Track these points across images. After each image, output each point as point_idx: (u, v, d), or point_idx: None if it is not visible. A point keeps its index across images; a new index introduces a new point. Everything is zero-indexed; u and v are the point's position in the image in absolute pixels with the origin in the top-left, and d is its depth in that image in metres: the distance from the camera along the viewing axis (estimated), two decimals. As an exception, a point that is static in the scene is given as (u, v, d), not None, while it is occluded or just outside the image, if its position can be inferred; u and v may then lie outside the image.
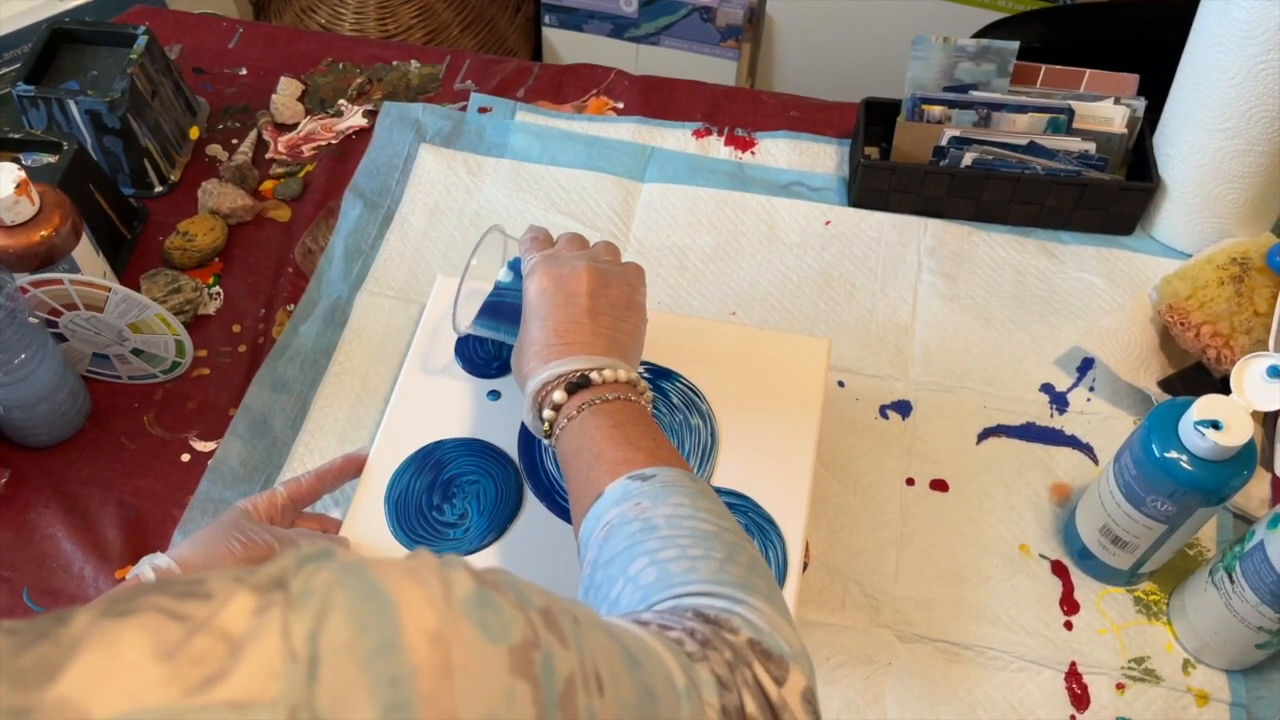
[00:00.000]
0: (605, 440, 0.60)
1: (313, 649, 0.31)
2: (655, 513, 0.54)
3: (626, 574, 0.51)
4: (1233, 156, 0.87)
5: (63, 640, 0.29)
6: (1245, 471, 0.66)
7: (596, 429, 0.60)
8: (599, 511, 0.56)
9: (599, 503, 0.57)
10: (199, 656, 0.30)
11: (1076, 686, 0.73)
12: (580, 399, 0.62)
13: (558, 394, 0.62)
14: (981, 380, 0.88)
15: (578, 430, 0.61)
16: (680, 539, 0.52)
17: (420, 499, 0.75)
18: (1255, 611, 0.68)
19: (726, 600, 0.48)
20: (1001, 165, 0.94)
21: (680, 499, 0.55)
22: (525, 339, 0.66)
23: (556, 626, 0.37)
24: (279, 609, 0.31)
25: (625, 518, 0.54)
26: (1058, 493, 0.82)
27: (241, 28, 1.15)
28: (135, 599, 0.31)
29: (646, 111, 1.07)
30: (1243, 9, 0.81)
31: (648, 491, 0.55)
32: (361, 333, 0.90)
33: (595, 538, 0.55)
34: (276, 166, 1.02)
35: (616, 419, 0.61)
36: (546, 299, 0.65)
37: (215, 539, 0.67)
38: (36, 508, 0.81)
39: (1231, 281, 0.83)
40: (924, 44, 0.95)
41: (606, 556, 0.54)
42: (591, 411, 0.61)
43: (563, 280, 0.66)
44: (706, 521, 0.54)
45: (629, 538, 0.53)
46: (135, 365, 0.86)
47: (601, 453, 0.59)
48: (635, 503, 0.55)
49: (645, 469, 0.57)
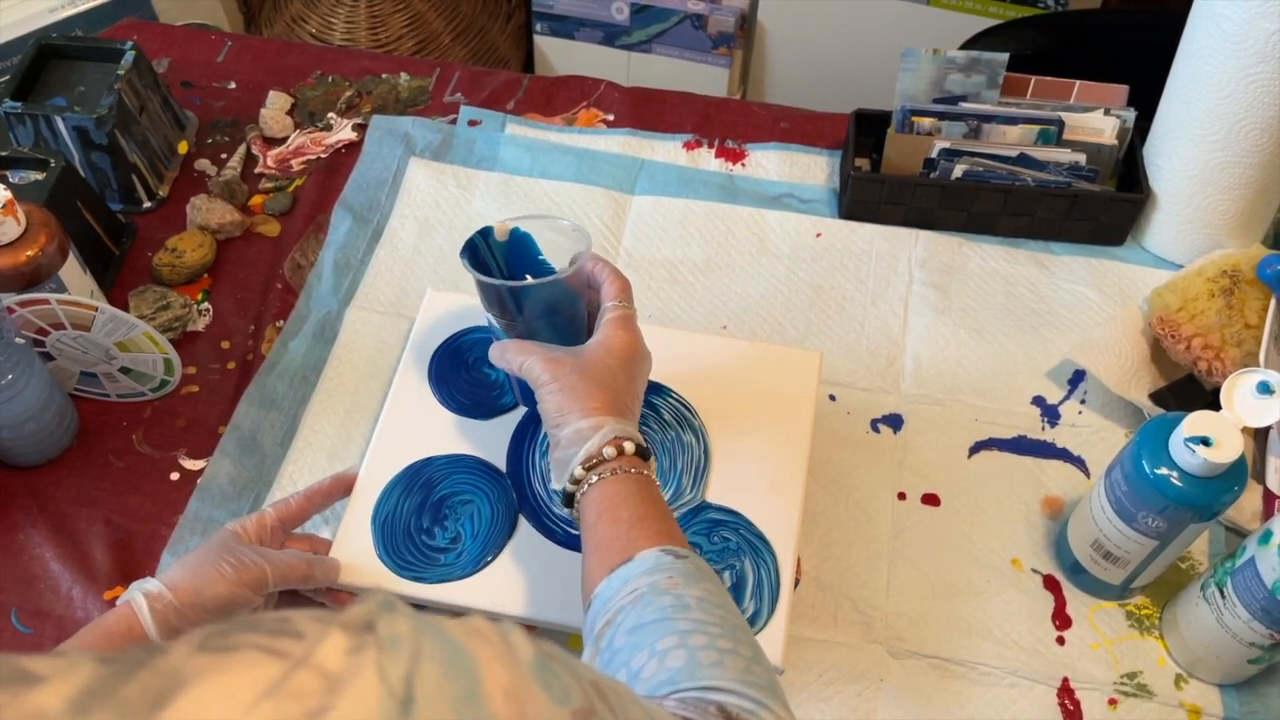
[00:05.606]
0: (646, 507, 0.61)
1: (408, 690, 0.32)
2: (688, 592, 0.55)
3: (654, 648, 0.52)
4: (1222, 168, 0.87)
5: (163, 670, 0.30)
6: (1236, 487, 0.66)
7: (637, 494, 0.62)
8: (627, 575, 0.57)
9: (629, 565, 0.58)
10: (300, 692, 0.30)
11: (1069, 702, 0.73)
12: (626, 462, 0.63)
13: (609, 449, 0.63)
14: (973, 393, 0.88)
15: (617, 487, 0.62)
16: (711, 626, 0.53)
17: (409, 521, 0.74)
18: (1247, 627, 0.68)
19: (752, 703, 0.49)
20: (992, 177, 0.94)
21: (711, 585, 0.57)
22: (591, 379, 0.66)
23: (606, 699, 0.39)
24: (372, 650, 0.32)
25: (657, 589, 0.55)
26: (1049, 506, 0.82)
27: (230, 41, 1.15)
28: (229, 635, 0.32)
29: (637, 123, 1.07)
30: (1231, 21, 0.81)
31: (680, 569, 0.57)
32: (351, 348, 0.90)
33: (619, 598, 0.56)
34: (265, 181, 1.02)
35: (653, 491, 0.63)
36: (626, 359, 0.67)
37: (205, 561, 0.66)
38: (24, 528, 0.81)
39: (1222, 294, 0.83)
40: (913, 56, 0.95)
41: (633, 623, 0.54)
42: (632, 478, 0.63)
43: (645, 355, 0.69)
44: (732, 614, 0.55)
45: (660, 611, 0.54)
46: (123, 383, 0.86)
47: (645, 517, 0.61)
48: (669, 576, 0.56)
49: (679, 548, 0.59)
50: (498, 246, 0.73)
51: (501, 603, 0.71)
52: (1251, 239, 0.93)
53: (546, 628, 0.74)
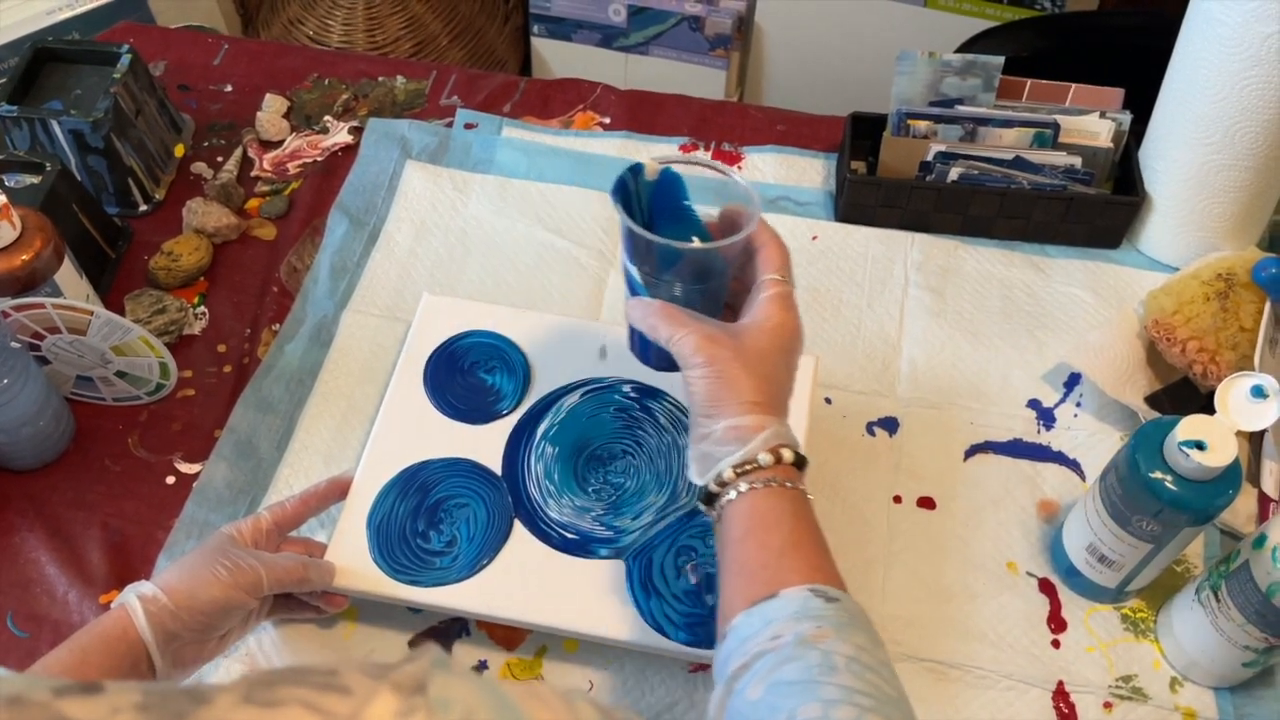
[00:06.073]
0: (800, 532, 0.57)
1: None
2: (837, 649, 0.51)
3: (794, 714, 0.48)
4: (1218, 171, 0.87)
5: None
6: (1230, 491, 0.66)
7: (791, 515, 0.57)
8: (769, 614, 0.53)
9: (773, 603, 0.53)
10: None
11: (1064, 705, 0.73)
12: (782, 472, 0.58)
13: (765, 455, 0.58)
14: (969, 396, 0.88)
15: (770, 503, 0.57)
16: (860, 696, 0.49)
17: (404, 525, 0.74)
18: (1241, 631, 0.68)
19: None
20: (987, 180, 0.94)
21: (862, 640, 0.52)
22: (752, 368, 0.59)
23: None
24: (422, 714, 0.31)
25: (803, 640, 0.51)
26: (1045, 510, 0.82)
27: (227, 44, 1.15)
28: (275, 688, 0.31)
29: (633, 126, 1.07)
30: (1226, 25, 0.81)
31: (831, 618, 0.52)
32: (347, 352, 0.90)
33: (759, 641, 0.52)
34: (262, 184, 1.02)
35: (807, 511, 0.58)
36: (786, 346, 0.61)
37: (200, 565, 0.66)
38: (20, 531, 0.81)
39: (1217, 297, 0.83)
40: (909, 59, 0.95)
41: (773, 675, 0.50)
42: (787, 493, 0.58)
43: (800, 331, 0.62)
44: (885, 680, 0.51)
45: (805, 671, 0.50)
46: (119, 387, 0.86)
47: (797, 544, 0.56)
48: (816, 625, 0.52)
49: (831, 587, 0.54)
50: (645, 186, 0.66)
51: (496, 607, 0.71)
52: (1247, 242, 0.93)
53: (541, 632, 0.74)
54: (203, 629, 0.65)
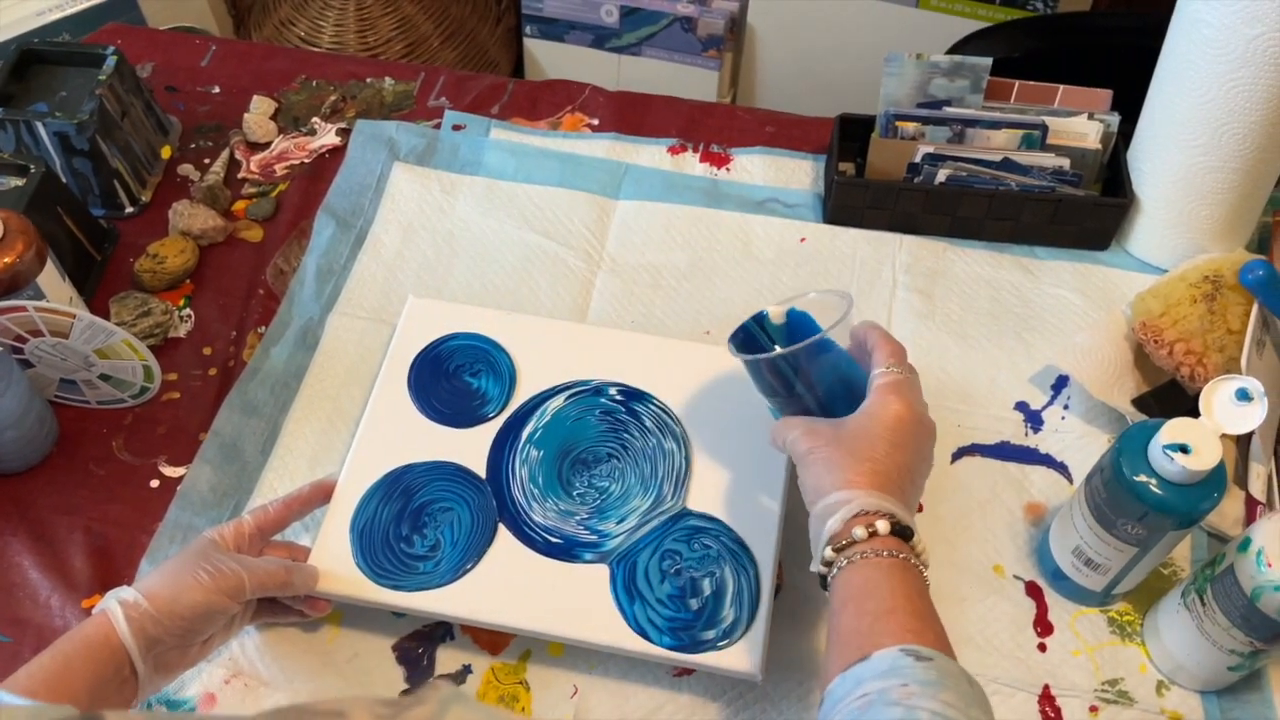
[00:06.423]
0: (897, 598, 0.58)
1: None
2: (922, 704, 0.50)
3: None
4: (1205, 173, 0.87)
5: None
6: (1215, 494, 0.66)
7: (888, 583, 0.58)
8: (860, 675, 0.54)
9: (864, 665, 0.54)
10: None
11: (1050, 709, 0.73)
12: (879, 543, 0.60)
13: (859, 529, 0.60)
14: (956, 399, 0.88)
15: (867, 574, 0.59)
16: None
17: (388, 529, 0.74)
18: (1226, 634, 0.68)
19: None
20: (976, 181, 0.94)
21: (951, 698, 0.51)
22: (847, 449, 0.63)
23: None
24: None
25: (887, 698, 0.51)
26: (1032, 512, 0.82)
27: (215, 45, 1.15)
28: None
29: (622, 127, 1.07)
30: (1212, 27, 0.81)
31: (919, 675, 0.52)
32: (333, 355, 0.90)
33: (849, 702, 0.53)
34: (249, 186, 1.02)
35: (910, 578, 0.59)
36: (893, 428, 0.64)
37: (183, 569, 0.66)
38: (3, 535, 0.80)
39: (1204, 299, 0.83)
40: (897, 61, 0.95)
41: None
42: (885, 562, 0.59)
43: (921, 423, 0.65)
44: None
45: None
46: (103, 390, 0.86)
47: (893, 610, 0.57)
48: (903, 683, 0.52)
49: (925, 647, 0.54)
50: (775, 331, 0.71)
51: (481, 611, 0.71)
52: (1234, 244, 0.93)
53: (525, 636, 0.73)
54: (185, 634, 0.65)
